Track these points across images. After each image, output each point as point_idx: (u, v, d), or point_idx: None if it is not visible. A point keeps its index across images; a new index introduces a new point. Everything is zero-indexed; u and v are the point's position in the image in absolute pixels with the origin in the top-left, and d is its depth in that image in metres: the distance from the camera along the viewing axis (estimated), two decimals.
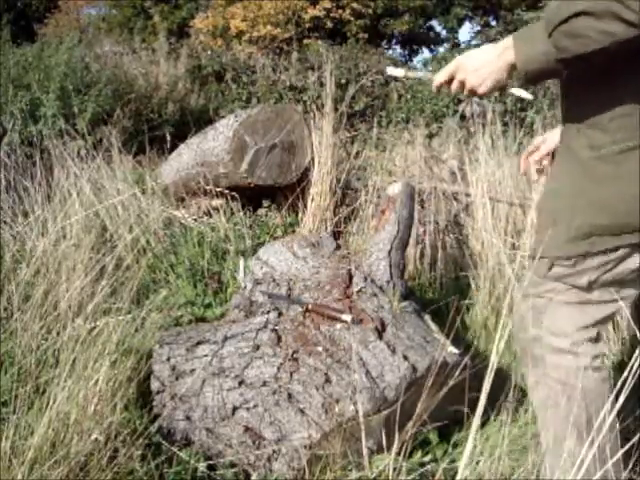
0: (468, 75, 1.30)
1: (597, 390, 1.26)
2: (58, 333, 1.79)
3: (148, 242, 2.78)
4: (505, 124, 4.06)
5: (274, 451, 1.52)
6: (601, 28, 1.08)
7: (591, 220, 1.21)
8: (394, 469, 1.32)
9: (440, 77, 1.35)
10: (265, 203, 3.39)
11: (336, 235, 2.97)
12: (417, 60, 15.48)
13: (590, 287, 1.25)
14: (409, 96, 6.91)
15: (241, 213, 3.20)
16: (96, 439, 1.35)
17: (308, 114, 3.49)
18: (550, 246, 1.25)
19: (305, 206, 3.21)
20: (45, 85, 4.44)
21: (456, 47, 13.34)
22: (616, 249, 1.21)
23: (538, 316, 1.29)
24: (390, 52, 13.70)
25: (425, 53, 15.47)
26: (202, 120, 5.41)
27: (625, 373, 1.07)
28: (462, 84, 1.32)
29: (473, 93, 1.32)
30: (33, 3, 14.09)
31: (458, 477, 1.00)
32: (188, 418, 1.61)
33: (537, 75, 1.23)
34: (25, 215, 2.59)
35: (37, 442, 1.28)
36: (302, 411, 1.56)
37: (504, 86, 1.32)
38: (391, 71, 1.55)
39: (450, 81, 1.34)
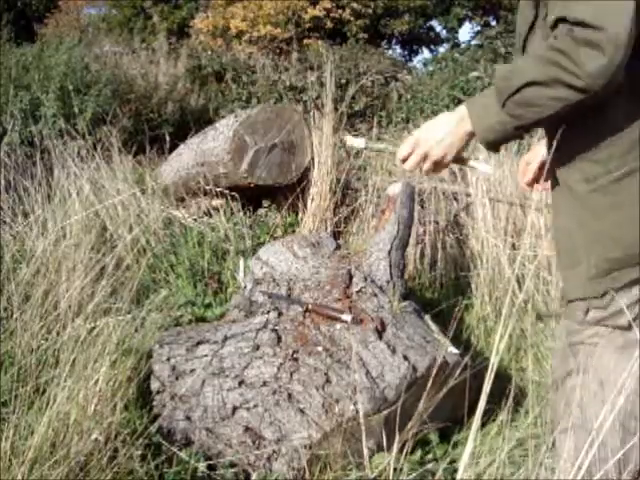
0: (432, 148, 1.28)
1: None
2: (58, 333, 1.79)
3: (148, 242, 2.78)
4: None
5: (274, 451, 1.52)
6: (552, 95, 1.11)
7: (605, 255, 1.18)
8: (394, 469, 1.32)
9: (403, 151, 1.32)
10: (265, 203, 3.40)
11: (336, 235, 2.97)
12: (417, 60, 15.48)
13: (631, 326, 1.19)
14: (409, 96, 6.91)
15: (241, 213, 3.20)
16: (96, 439, 1.35)
17: (308, 114, 3.49)
18: (575, 287, 1.23)
19: (305, 206, 3.21)
20: (45, 85, 4.44)
21: (456, 47, 13.33)
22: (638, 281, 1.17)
23: (584, 364, 1.23)
24: (390, 52, 13.69)
25: (425, 53, 15.47)
26: (202, 120, 5.41)
27: (625, 373, 1.07)
28: (425, 157, 1.30)
29: (437, 165, 1.30)
30: (33, 3, 14.08)
31: (458, 477, 1.00)
32: (188, 418, 1.61)
33: (498, 143, 1.25)
34: (25, 215, 2.59)
35: (37, 442, 1.28)
36: (302, 411, 1.56)
37: (463, 158, 1.34)
38: (351, 142, 1.54)
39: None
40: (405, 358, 1.66)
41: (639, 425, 1.19)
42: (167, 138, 4.14)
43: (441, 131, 1.28)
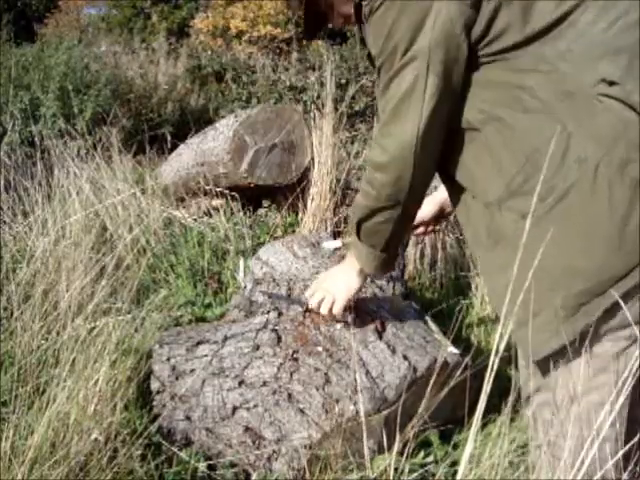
0: (331, 295, 1.58)
1: None
2: (58, 333, 1.79)
3: (148, 242, 2.78)
4: None
5: (274, 451, 1.52)
6: (380, 221, 1.29)
7: (568, 291, 1.07)
8: (395, 469, 1.32)
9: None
10: (265, 203, 3.39)
11: (336, 235, 2.97)
12: None
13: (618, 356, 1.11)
14: None
15: (241, 213, 3.20)
16: (96, 439, 1.35)
17: (308, 114, 3.49)
18: (543, 340, 1.10)
19: (305, 206, 3.21)
20: (45, 85, 4.44)
21: None
22: (613, 307, 1.05)
23: (552, 380, 1.17)
24: None
25: None
26: (202, 120, 5.41)
27: (625, 373, 1.07)
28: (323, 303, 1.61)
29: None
30: (33, 3, 14.08)
31: (458, 477, 1.00)
32: (188, 418, 1.61)
33: (382, 268, 1.43)
34: (25, 215, 2.59)
35: (37, 442, 1.28)
36: (302, 411, 1.56)
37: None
38: (328, 245, 1.69)
39: None
40: (405, 358, 1.66)
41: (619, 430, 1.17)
42: (167, 138, 4.14)
43: (328, 281, 1.60)
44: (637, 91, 1.00)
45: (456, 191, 1.25)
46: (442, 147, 1.20)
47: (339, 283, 1.57)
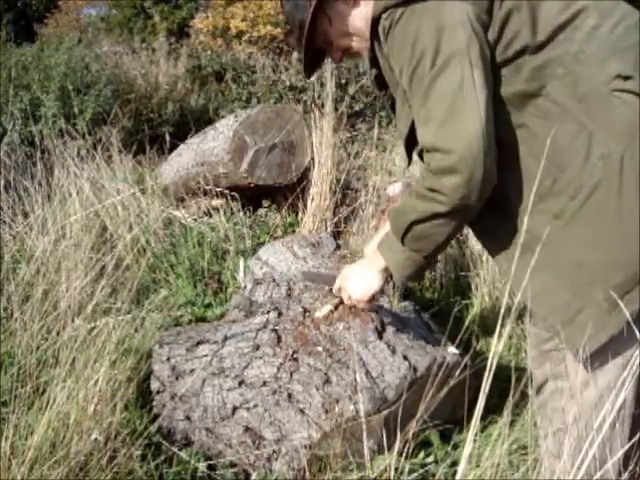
0: (352, 295, 1.49)
1: None
2: (58, 333, 1.79)
3: (148, 242, 2.78)
4: None
5: (274, 451, 1.52)
6: (436, 225, 1.21)
7: (609, 284, 1.10)
8: (395, 469, 1.32)
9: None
10: (265, 203, 3.39)
11: (336, 235, 2.97)
12: None
13: None
14: None
15: (241, 213, 3.20)
16: (96, 439, 1.35)
17: (308, 114, 3.49)
18: (593, 334, 1.11)
19: (305, 206, 3.21)
20: (45, 85, 4.44)
21: None
22: None
23: (558, 369, 1.22)
24: None
25: None
26: (202, 120, 5.41)
27: (625, 372, 1.07)
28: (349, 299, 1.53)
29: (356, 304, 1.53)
30: (33, 3, 14.07)
31: (458, 477, 0.99)
32: (188, 418, 1.61)
33: (414, 275, 1.35)
34: (25, 215, 2.59)
35: (37, 442, 1.28)
36: (302, 411, 1.56)
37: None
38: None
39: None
40: (405, 358, 1.66)
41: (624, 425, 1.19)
42: (167, 138, 4.14)
43: (355, 281, 1.49)
44: None
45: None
46: None
47: (359, 284, 1.49)
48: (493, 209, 1.21)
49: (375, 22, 1.19)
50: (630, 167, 1.07)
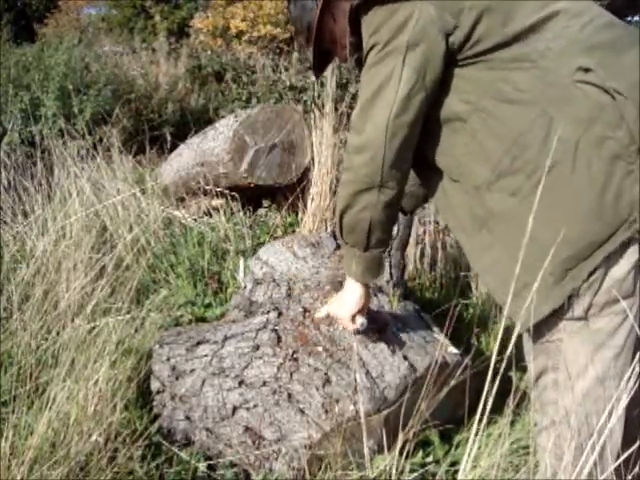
0: (336, 317, 1.60)
1: None
2: (58, 333, 1.79)
3: (148, 242, 2.78)
4: None
5: (274, 451, 1.52)
6: (359, 209, 1.32)
7: (556, 260, 1.13)
8: (395, 469, 1.32)
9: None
10: (265, 203, 3.39)
11: (336, 235, 2.96)
12: None
13: (587, 316, 1.18)
14: None
15: (241, 213, 3.20)
16: (96, 439, 1.35)
17: (308, 114, 3.49)
18: (537, 305, 1.15)
19: (305, 206, 3.21)
20: (45, 85, 4.43)
21: None
22: (594, 270, 1.14)
23: (554, 361, 1.24)
24: None
25: None
26: (202, 120, 5.41)
27: (627, 374, 1.07)
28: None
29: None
30: (33, 3, 14.07)
31: (458, 477, 1.00)
32: (188, 418, 1.61)
33: (368, 273, 1.44)
34: (25, 215, 2.59)
35: (37, 442, 1.28)
36: (302, 411, 1.56)
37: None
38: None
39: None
40: (405, 358, 1.66)
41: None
42: (167, 138, 4.14)
43: (338, 305, 1.58)
44: (610, 79, 1.11)
45: (435, 180, 1.34)
46: (426, 137, 1.29)
47: (339, 303, 1.59)
48: (456, 185, 1.28)
49: (354, 9, 1.27)
50: (584, 151, 1.12)
